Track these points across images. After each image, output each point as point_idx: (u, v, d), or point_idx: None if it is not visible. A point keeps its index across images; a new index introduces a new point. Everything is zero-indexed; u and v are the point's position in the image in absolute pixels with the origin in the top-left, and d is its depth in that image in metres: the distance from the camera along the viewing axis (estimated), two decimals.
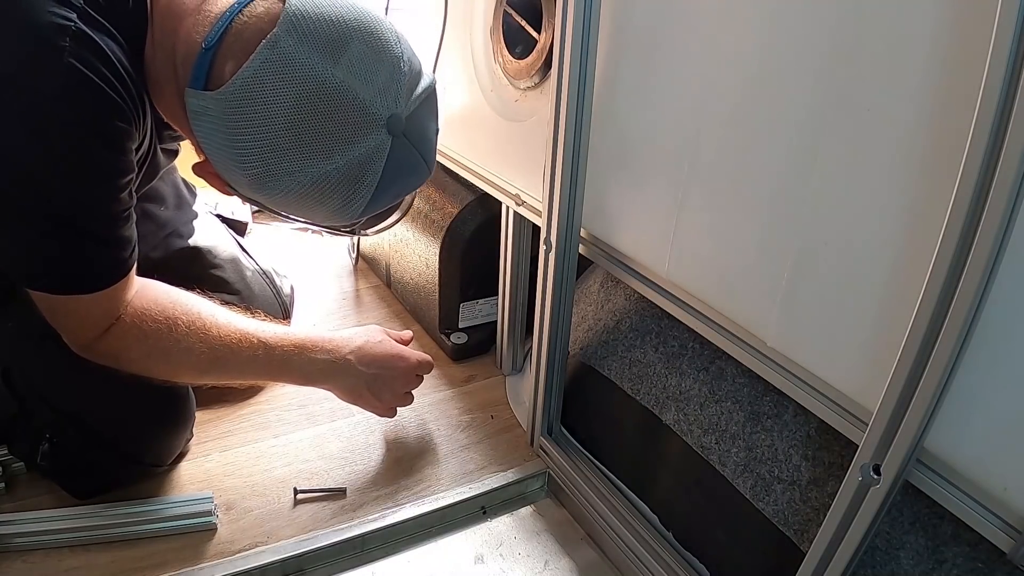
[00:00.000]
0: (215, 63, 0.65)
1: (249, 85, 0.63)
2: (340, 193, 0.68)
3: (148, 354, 0.77)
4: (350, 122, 0.65)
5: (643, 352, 0.87)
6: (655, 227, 0.75)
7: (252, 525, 0.83)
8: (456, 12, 1.04)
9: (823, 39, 0.55)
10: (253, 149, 0.65)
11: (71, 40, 0.62)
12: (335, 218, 0.72)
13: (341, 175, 0.66)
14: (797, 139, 0.58)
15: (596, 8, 0.72)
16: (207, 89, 0.65)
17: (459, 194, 1.15)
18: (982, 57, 0.42)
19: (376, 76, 0.65)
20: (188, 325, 0.78)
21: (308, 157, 0.65)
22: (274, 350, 0.84)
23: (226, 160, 0.67)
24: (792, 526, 0.67)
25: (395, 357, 0.93)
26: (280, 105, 0.63)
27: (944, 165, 0.47)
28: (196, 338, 0.78)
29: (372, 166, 0.67)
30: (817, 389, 0.61)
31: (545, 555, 0.85)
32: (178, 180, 1.11)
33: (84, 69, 0.62)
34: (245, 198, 0.73)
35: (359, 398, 0.93)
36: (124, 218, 0.71)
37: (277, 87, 0.63)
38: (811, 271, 0.59)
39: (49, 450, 0.80)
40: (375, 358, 0.91)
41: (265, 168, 0.65)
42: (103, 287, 0.71)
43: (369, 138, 0.66)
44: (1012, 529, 0.48)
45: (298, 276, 1.32)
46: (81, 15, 0.63)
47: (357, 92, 0.64)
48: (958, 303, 0.45)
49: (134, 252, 0.74)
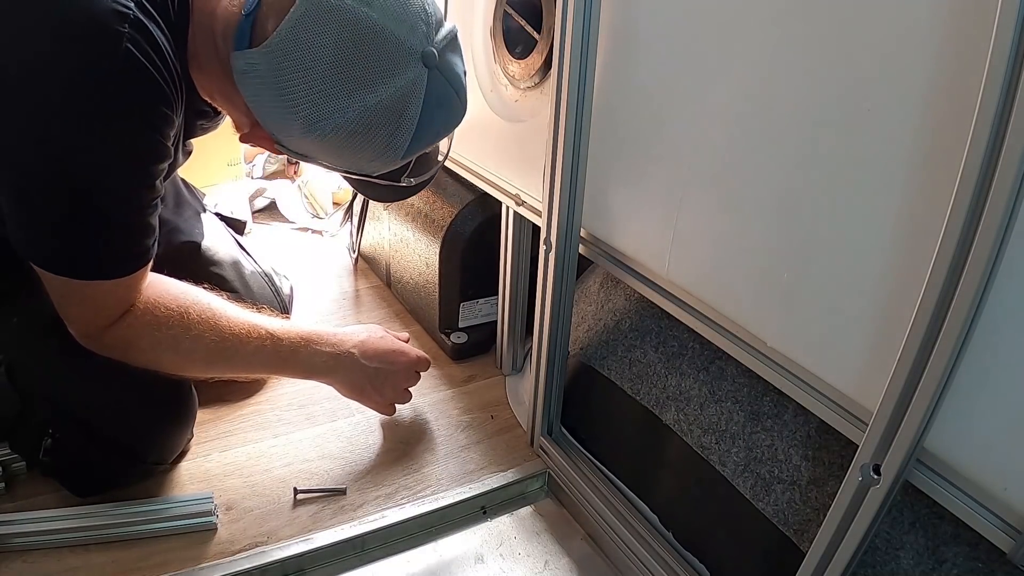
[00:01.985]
0: (256, 25, 0.69)
1: (292, 34, 0.66)
2: (385, 127, 0.70)
3: (158, 343, 0.77)
4: (388, 56, 0.68)
5: (643, 352, 0.87)
6: (655, 227, 0.75)
7: (252, 525, 0.83)
8: (456, 12, 1.04)
9: (823, 39, 0.55)
10: (301, 92, 0.68)
11: (129, 27, 0.64)
12: (381, 158, 0.74)
13: (384, 108, 0.69)
14: (797, 139, 0.58)
15: (596, 8, 0.72)
16: (251, 48, 0.69)
17: (459, 194, 1.15)
18: (982, 57, 0.42)
19: (407, 16, 0.69)
20: (199, 314, 0.79)
21: (352, 92, 0.68)
22: (281, 341, 0.86)
23: (276, 111, 0.70)
24: (792, 526, 0.67)
25: (397, 352, 0.95)
26: (323, 47, 0.66)
27: (944, 165, 0.47)
28: (206, 327, 0.79)
29: (413, 98, 0.70)
30: (817, 389, 0.61)
31: (545, 555, 0.85)
32: (178, 181, 1.11)
33: (139, 55, 0.65)
34: (294, 153, 0.76)
35: (361, 392, 0.95)
36: (153, 206, 0.73)
37: (318, 32, 0.66)
38: (811, 271, 0.59)
39: (51, 447, 0.80)
40: (377, 352, 0.93)
41: (314, 108, 0.68)
42: (125, 275, 0.72)
43: (408, 70, 0.69)
44: (1012, 529, 0.48)
45: (298, 276, 1.32)
46: (138, 4, 0.66)
47: (392, 29, 0.68)
48: (958, 303, 0.45)
49: (156, 242, 0.75)
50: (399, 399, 0.98)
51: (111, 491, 0.84)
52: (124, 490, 0.84)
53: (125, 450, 0.83)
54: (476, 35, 1.01)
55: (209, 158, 1.62)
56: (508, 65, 0.94)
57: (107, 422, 0.81)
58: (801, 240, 0.59)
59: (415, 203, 1.22)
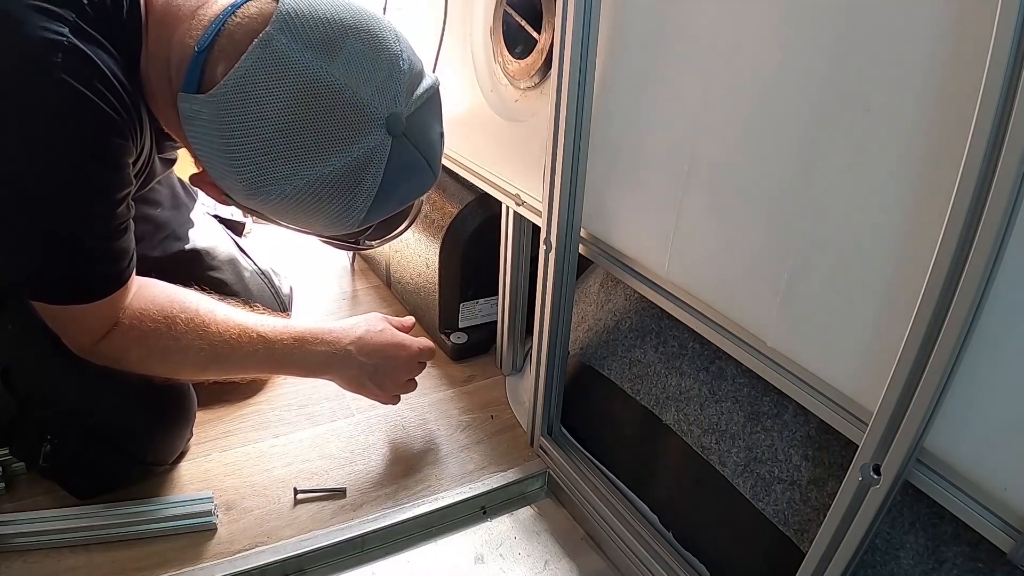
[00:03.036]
0: (207, 66, 0.63)
1: (241, 85, 0.61)
2: (339, 198, 0.65)
3: (148, 354, 0.77)
4: (347, 121, 0.62)
5: (643, 352, 0.87)
6: (655, 227, 0.75)
7: (252, 525, 0.83)
8: (456, 12, 1.04)
9: (824, 39, 0.55)
10: (245, 152, 0.62)
11: (63, 55, 0.61)
12: (336, 226, 0.69)
13: (339, 178, 0.64)
14: (797, 139, 0.58)
15: (596, 8, 0.72)
16: (199, 93, 0.64)
17: (459, 194, 1.15)
18: (982, 57, 0.42)
19: (374, 74, 0.63)
20: (186, 323, 0.78)
21: (303, 159, 0.62)
22: (274, 344, 0.84)
23: (220, 165, 0.65)
24: (792, 526, 0.67)
25: (396, 346, 0.92)
26: (273, 105, 0.61)
27: (944, 164, 0.47)
28: (195, 335, 0.78)
29: (371, 169, 0.64)
30: (817, 389, 0.61)
31: (545, 555, 0.85)
32: (175, 182, 1.11)
33: (78, 84, 0.61)
34: (242, 207, 0.72)
35: (361, 387, 0.92)
36: (121, 231, 0.71)
37: (270, 86, 0.61)
38: (811, 271, 0.59)
39: (51, 451, 0.80)
40: (375, 348, 0.90)
41: (258, 172, 0.63)
42: (100, 298, 0.71)
43: (367, 138, 0.63)
44: (1012, 529, 0.48)
45: (297, 276, 1.32)
46: (73, 29, 0.62)
47: (354, 90, 0.62)
48: (958, 303, 0.45)
49: (132, 261, 0.74)
50: (402, 391, 0.96)
51: (111, 492, 0.84)
52: (124, 490, 0.85)
53: (124, 452, 0.83)
54: (476, 35, 1.01)
55: None
56: (508, 65, 0.94)
57: (105, 425, 0.81)
58: (801, 240, 0.59)
59: None
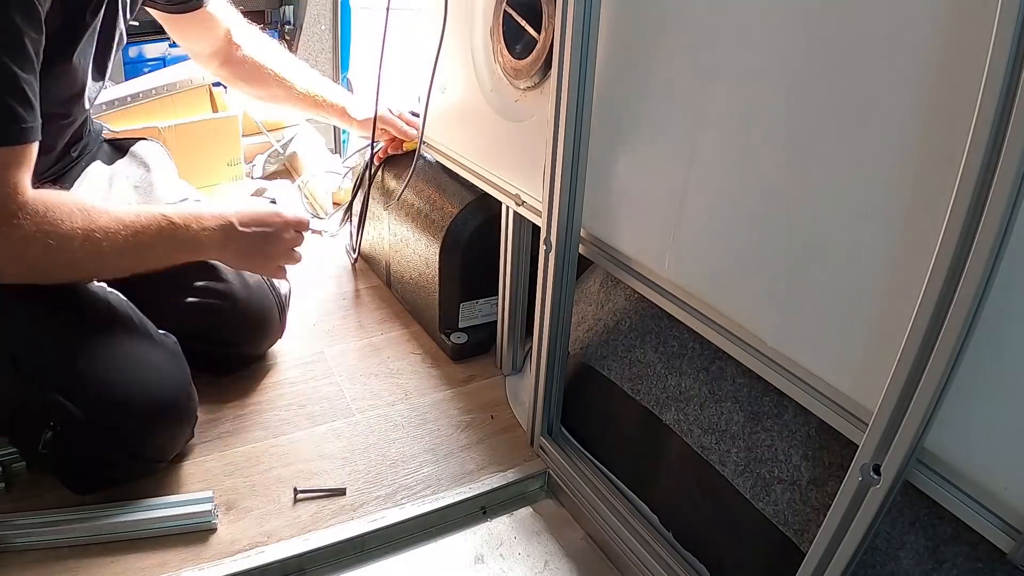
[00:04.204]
0: None
1: None
2: None
3: (46, 251, 0.77)
4: None
5: (643, 352, 0.87)
6: (655, 227, 0.75)
7: (252, 525, 0.83)
8: (456, 12, 1.04)
9: (823, 39, 0.55)
10: None
11: None
12: None
13: None
14: (797, 139, 0.58)
15: (596, 8, 0.72)
16: None
17: (459, 194, 1.15)
18: (982, 57, 0.42)
19: None
20: (85, 213, 0.79)
21: None
22: (175, 222, 0.87)
23: None
24: (792, 526, 0.67)
25: (270, 215, 0.98)
26: None
27: (944, 165, 0.47)
28: (95, 226, 0.80)
29: None
30: (817, 389, 0.61)
31: (545, 555, 0.85)
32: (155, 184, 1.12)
33: None
34: None
35: (250, 260, 0.98)
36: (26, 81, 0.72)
37: None
38: (811, 271, 0.59)
39: (51, 439, 0.80)
40: (253, 218, 0.96)
41: None
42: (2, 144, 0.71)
43: None
44: (1012, 529, 0.48)
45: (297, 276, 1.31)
46: None
47: None
48: (958, 303, 0.45)
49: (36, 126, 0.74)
50: (287, 260, 1.01)
51: (110, 489, 0.84)
52: (124, 489, 0.85)
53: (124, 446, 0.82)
54: (476, 35, 1.01)
55: (209, 158, 1.62)
56: (508, 65, 0.94)
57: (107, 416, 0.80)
58: (801, 240, 0.59)
59: (415, 203, 1.22)
